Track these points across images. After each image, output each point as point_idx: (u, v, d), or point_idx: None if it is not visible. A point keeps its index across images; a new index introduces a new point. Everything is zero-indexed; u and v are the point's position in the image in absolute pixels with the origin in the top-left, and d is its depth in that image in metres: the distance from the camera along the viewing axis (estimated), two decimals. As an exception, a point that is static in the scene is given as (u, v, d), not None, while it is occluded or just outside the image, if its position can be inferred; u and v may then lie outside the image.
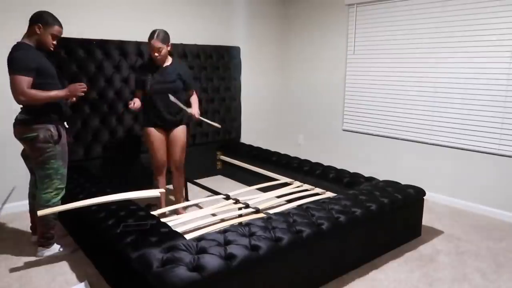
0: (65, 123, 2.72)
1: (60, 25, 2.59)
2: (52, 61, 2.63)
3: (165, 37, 3.09)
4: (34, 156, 2.57)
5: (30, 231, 2.96)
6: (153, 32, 3.06)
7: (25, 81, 2.38)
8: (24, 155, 2.75)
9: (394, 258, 2.78)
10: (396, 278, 2.53)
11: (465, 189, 3.78)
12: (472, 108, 3.65)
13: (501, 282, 2.51)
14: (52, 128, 2.55)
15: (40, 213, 2.48)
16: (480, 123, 3.61)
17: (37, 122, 2.51)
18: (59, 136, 2.59)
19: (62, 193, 2.68)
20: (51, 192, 2.61)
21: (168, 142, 3.28)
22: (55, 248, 2.74)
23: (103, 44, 3.71)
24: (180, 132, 3.28)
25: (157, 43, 3.04)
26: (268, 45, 5.24)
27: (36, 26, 2.48)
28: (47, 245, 2.73)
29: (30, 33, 2.50)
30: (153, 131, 3.23)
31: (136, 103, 3.11)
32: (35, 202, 2.71)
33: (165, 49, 3.10)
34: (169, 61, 3.22)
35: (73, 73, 3.57)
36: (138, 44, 3.92)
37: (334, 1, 4.69)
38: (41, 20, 2.49)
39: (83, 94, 2.64)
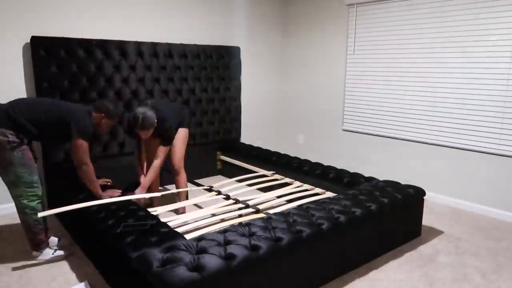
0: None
1: (119, 116, 2.87)
2: None
3: (149, 123, 2.93)
4: None
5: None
6: (136, 120, 2.90)
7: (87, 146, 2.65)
8: None
9: (394, 258, 2.78)
10: (396, 278, 2.53)
11: (465, 189, 3.78)
12: (472, 108, 3.65)
13: (501, 282, 2.51)
14: (9, 134, 2.44)
15: (40, 214, 2.47)
16: (480, 123, 3.61)
17: None
18: (19, 142, 2.47)
19: (38, 199, 2.59)
20: (23, 199, 2.53)
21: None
22: (48, 253, 2.67)
23: (103, 44, 3.71)
24: (179, 133, 3.32)
25: (143, 133, 2.95)
26: (268, 45, 5.25)
27: (100, 115, 2.73)
28: (38, 249, 2.66)
29: (94, 116, 2.73)
30: None
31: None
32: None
33: (151, 131, 2.99)
34: None
35: (73, 73, 3.57)
36: (138, 44, 3.92)
37: (334, 1, 4.69)
38: (108, 113, 2.75)
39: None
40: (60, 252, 2.71)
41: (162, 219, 2.64)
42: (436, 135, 3.93)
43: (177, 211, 3.39)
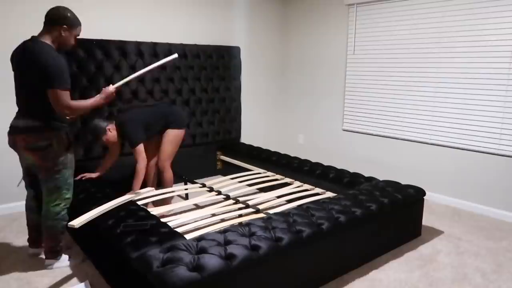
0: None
1: (80, 23, 2.47)
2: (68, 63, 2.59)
3: (94, 133, 3.17)
4: (46, 166, 2.39)
5: (27, 243, 2.78)
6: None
7: (67, 94, 2.31)
8: (27, 167, 2.55)
9: (394, 258, 2.78)
10: (396, 278, 2.53)
11: (465, 189, 3.78)
12: (472, 108, 3.65)
13: (501, 282, 2.51)
14: (63, 135, 2.42)
15: (72, 223, 2.39)
16: (480, 123, 3.61)
17: (50, 129, 2.36)
18: (70, 143, 2.47)
19: (70, 202, 2.56)
20: (60, 203, 2.48)
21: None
22: (64, 259, 2.62)
23: (103, 44, 3.71)
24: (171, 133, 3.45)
25: (99, 142, 3.29)
26: (268, 45, 5.25)
27: (60, 28, 2.33)
28: (56, 257, 2.59)
29: (52, 34, 2.34)
30: None
31: None
32: (40, 217, 2.54)
33: (105, 138, 3.18)
34: None
35: (73, 73, 3.57)
36: (138, 44, 3.92)
37: (334, 1, 4.70)
38: (67, 21, 2.34)
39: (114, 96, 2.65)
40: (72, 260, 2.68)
41: (162, 219, 2.64)
42: (436, 135, 3.93)
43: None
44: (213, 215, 3.07)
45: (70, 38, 2.41)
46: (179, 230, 2.50)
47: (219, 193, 3.38)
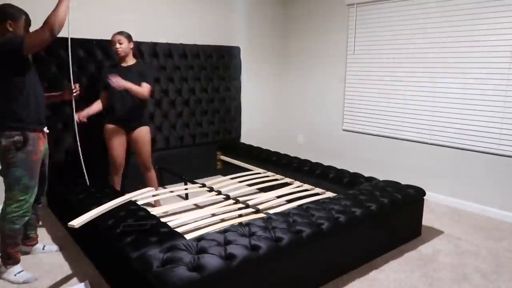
0: (45, 128, 2.51)
1: (27, 14, 2.42)
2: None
3: (129, 35, 3.34)
4: None
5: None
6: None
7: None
8: None
9: (394, 258, 2.78)
10: (396, 278, 2.53)
11: (465, 189, 3.78)
12: (472, 108, 3.65)
13: (501, 282, 2.51)
14: (16, 136, 2.31)
15: (72, 223, 2.36)
16: (480, 123, 3.61)
17: (2, 128, 2.31)
18: (24, 142, 2.33)
19: (27, 206, 2.40)
20: (12, 204, 2.36)
21: (132, 142, 3.44)
22: (13, 271, 2.43)
23: (103, 44, 3.71)
24: (144, 132, 3.44)
25: (119, 40, 3.28)
26: (268, 45, 5.25)
27: (6, 23, 2.32)
28: (5, 264, 2.44)
29: (1, 31, 2.33)
30: (111, 128, 3.37)
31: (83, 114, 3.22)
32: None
33: (126, 43, 3.30)
34: (130, 61, 3.39)
35: (73, 73, 3.56)
36: (138, 44, 3.92)
37: (334, 1, 4.70)
38: (9, 16, 2.33)
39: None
40: (26, 275, 2.46)
41: (162, 219, 2.64)
42: (436, 135, 3.93)
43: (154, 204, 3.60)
44: (213, 215, 3.07)
45: (20, 30, 2.39)
46: (179, 230, 2.50)
47: (219, 193, 3.38)
